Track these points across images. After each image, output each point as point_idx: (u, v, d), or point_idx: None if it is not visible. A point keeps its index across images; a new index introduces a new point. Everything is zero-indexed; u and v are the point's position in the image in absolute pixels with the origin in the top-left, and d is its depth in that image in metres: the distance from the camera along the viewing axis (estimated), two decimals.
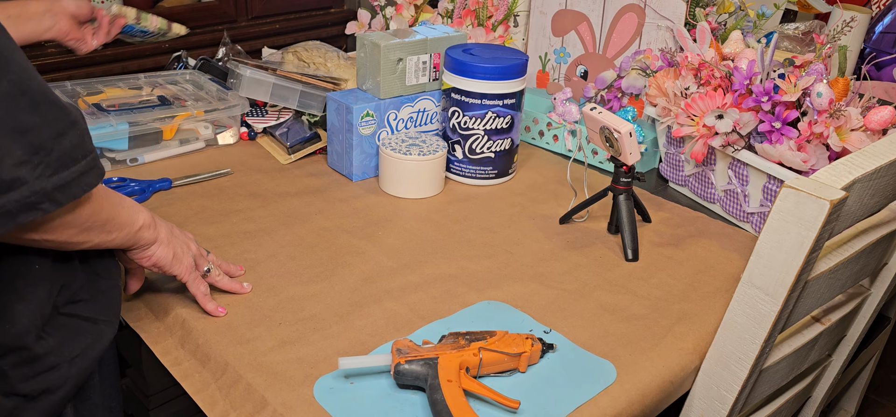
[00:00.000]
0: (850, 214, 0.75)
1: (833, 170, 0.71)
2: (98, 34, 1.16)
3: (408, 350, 0.74)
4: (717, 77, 1.11)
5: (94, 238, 0.67)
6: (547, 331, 0.84)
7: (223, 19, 2.29)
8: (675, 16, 1.28)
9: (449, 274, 0.95)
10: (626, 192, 1.03)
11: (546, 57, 1.48)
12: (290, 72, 1.29)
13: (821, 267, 0.79)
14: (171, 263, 0.79)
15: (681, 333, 0.86)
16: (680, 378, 0.82)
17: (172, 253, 0.79)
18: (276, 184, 1.18)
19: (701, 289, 0.95)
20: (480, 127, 1.17)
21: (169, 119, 1.22)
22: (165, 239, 0.78)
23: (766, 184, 1.07)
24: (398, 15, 1.43)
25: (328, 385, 0.74)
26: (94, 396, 0.77)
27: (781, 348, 0.88)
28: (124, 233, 0.72)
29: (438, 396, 0.69)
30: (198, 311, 0.85)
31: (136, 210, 0.74)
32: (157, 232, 0.77)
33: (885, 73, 1.59)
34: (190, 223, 1.04)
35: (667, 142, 1.25)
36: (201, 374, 0.78)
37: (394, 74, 1.17)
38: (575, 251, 1.03)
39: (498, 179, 1.22)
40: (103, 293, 0.73)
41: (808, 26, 1.61)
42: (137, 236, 0.74)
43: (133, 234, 0.73)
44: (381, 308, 0.87)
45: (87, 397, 0.76)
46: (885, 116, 0.98)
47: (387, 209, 1.12)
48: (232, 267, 0.91)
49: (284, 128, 1.30)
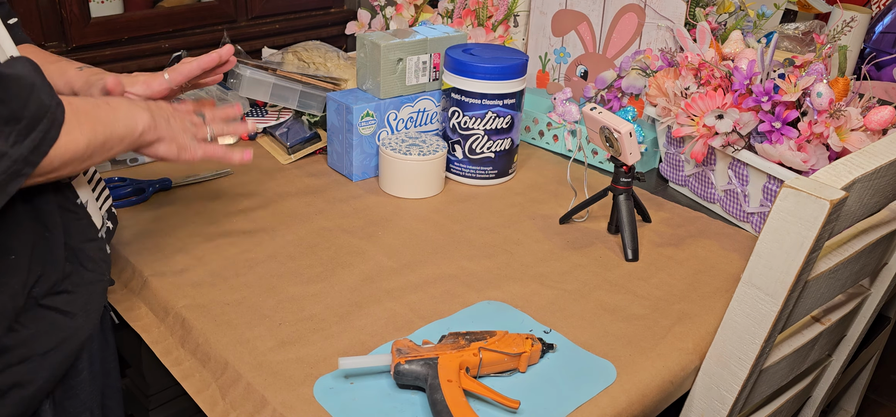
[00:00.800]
0: (850, 214, 0.75)
1: (833, 170, 0.71)
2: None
3: (408, 351, 0.74)
4: (717, 77, 1.11)
5: (98, 157, 0.68)
6: (547, 331, 0.84)
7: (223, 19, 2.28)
8: (675, 16, 1.28)
9: (449, 274, 0.95)
10: (626, 192, 1.03)
11: (546, 57, 1.48)
12: (290, 73, 1.29)
13: (821, 267, 0.79)
14: (178, 155, 0.80)
15: (681, 333, 0.86)
16: (680, 378, 0.82)
17: (176, 146, 0.80)
18: (276, 184, 1.18)
19: (701, 289, 0.95)
20: (480, 127, 1.17)
21: None
22: (167, 135, 0.78)
23: (766, 184, 1.07)
24: (398, 15, 1.43)
25: (328, 385, 0.74)
26: (82, 394, 0.75)
27: (781, 348, 0.88)
28: (126, 143, 0.73)
29: (438, 396, 0.69)
30: (198, 311, 0.85)
31: (134, 115, 0.74)
32: (158, 132, 0.77)
33: (885, 73, 1.59)
34: (190, 223, 1.04)
35: (667, 142, 1.25)
36: (201, 374, 0.78)
37: (394, 74, 1.17)
38: (575, 251, 1.03)
39: (498, 179, 1.22)
40: (87, 285, 0.72)
41: (808, 26, 1.61)
42: (140, 141, 0.75)
43: (135, 140, 0.74)
44: (381, 308, 0.87)
45: (74, 395, 0.75)
46: (885, 116, 0.98)
47: (387, 209, 1.12)
48: (228, 110, 0.92)
49: (284, 128, 1.30)
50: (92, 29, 1.99)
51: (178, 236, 1.00)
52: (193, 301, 0.86)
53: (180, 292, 0.88)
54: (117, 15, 2.06)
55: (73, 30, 1.95)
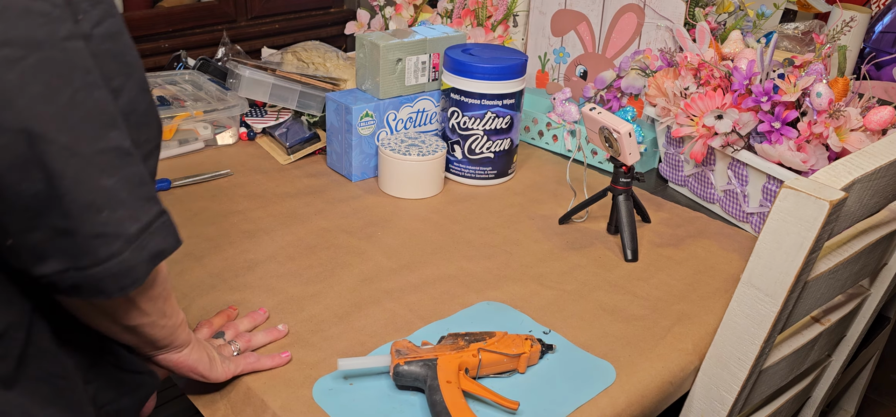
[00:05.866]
0: (849, 214, 0.75)
1: (833, 170, 0.71)
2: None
3: (407, 351, 0.74)
4: (716, 77, 1.11)
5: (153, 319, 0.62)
6: (546, 332, 0.84)
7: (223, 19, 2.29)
8: (675, 16, 1.28)
9: (448, 274, 0.95)
10: (625, 192, 1.03)
11: (545, 57, 1.48)
12: (289, 73, 1.29)
13: (820, 268, 0.79)
14: (209, 367, 0.71)
15: (680, 333, 0.86)
16: (679, 379, 0.81)
17: (207, 355, 0.71)
18: (275, 184, 1.18)
19: (700, 290, 0.95)
20: (480, 127, 1.17)
21: (168, 119, 1.22)
22: (195, 341, 0.71)
23: (766, 184, 1.07)
24: (397, 15, 1.43)
25: (327, 387, 0.74)
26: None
27: (781, 348, 0.88)
28: (171, 324, 0.65)
29: (437, 397, 0.69)
30: (197, 312, 0.84)
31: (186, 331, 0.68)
32: (190, 333, 0.70)
33: (884, 73, 1.59)
34: (190, 223, 1.04)
35: (666, 142, 1.24)
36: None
37: (393, 74, 1.17)
38: (574, 251, 1.02)
39: (497, 179, 1.22)
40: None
41: (808, 26, 1.61)
42: (177, 333, 0.66)
43: (174, 329, 0.66)
44: (380, 308, 0.87)
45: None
46: (884, 116, 0.98)
47: (386, 209, 1.12)
48: (255, 316, 0.83)
49: (284, 129, 1.30)
50: None
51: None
52: (193, 301, 0.86)
53: (180, 293, 0.87)
54: None
55: None
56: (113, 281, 0.51)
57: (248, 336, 0.79)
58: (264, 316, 0.83)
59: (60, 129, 0.47)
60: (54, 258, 0.49)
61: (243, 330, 0.81)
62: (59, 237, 0.49)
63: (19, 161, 0.46)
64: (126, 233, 0.51)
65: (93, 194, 0.49)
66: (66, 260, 0.50)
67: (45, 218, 0.48)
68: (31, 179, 0.47)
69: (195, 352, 0.70)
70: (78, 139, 0.48)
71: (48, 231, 0.48)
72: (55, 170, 0.47)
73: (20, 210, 0.47)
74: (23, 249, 0.49)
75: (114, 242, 0.51)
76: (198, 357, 0.70)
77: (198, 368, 0.70)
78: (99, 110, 0.49)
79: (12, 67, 0.45)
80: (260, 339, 0.79)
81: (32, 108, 0.46)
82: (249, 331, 0.81)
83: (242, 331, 0.80)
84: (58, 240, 0.49)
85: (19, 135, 0.46)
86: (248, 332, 0.80)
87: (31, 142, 0.46)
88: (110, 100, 0.51)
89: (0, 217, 0.47)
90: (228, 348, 0.76)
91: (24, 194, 0.47)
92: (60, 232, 0.49)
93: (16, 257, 0.50)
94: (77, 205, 0.48)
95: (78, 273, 0.50)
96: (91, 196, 0.49)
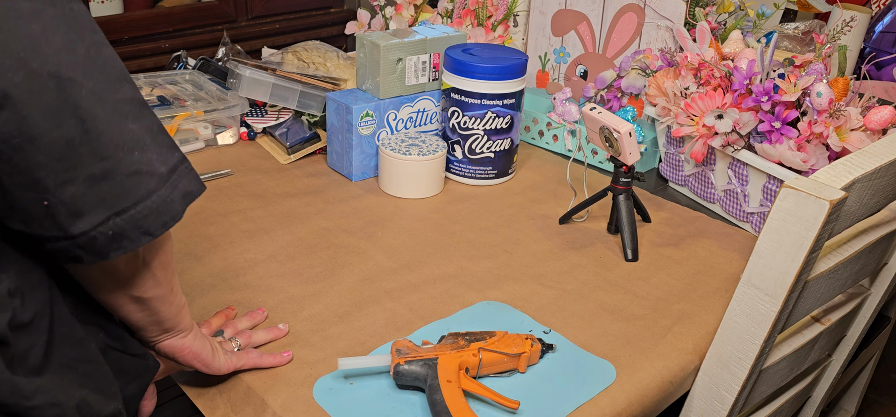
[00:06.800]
0: (849, 214, 0.75)
1: (833, 170, 0.71)
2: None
3: (407, 351, 0.74)
4: (716, 77, 1.11)
5: (164, 291, 0.62)
6: (546, 331, 0.84)
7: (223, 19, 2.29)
8: (675, 15, 1.28)
9: (448, 274, 0.95)
10: (625, 192, 1.03)
11: (546, 57, 1.48)
12: (289, 73, 1.29)
13: (820, 268, 0.79)
14: (212, 356, 0.71)
15: (680, 333, 0.86)
16: (680, 379, 0.82)
17: (210, 344, 0.71)
18: (275, 184, 1.18)
19: (701, 289, 0.95)
20: (480, 127, 1.17)
21: (168, 119, 1.22)
22: (197, 329, 0.71)
23: (766, 184, 1.07)
24: (398, 15, 1.43)
25: (328, 386, 0.74)
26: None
27: (781, 348, 0.88)
28: (177, 302, 0.65)
29: (438, 397, 0.69)
30: (197, 312, 0.84)
31: (188, 318, 0.68)
32: (192, 320, 0.70)
33: (885, 73, 1.59)
34: (190, 223, 1.04)
35: (667, 141, 1.24)
36: (202, 377, 0.78)
37: (393, 74, 1.17)
38: (574, 251, 1.02)
39: (497, 179, 1.22)
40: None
41: (808, 26, 1.61)
42: (182, 314, 0.67)
43: (180, 309, 0.66)
44: (380, 308, 0.87)
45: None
46: (884, 116, 0.98)
47: (386, 209, 1.12)
48: (254, 316, 0.83)
49: (284, 128, 1.30)
50: None
51: (178, 236, 1.00)
52: (193, 301, 0.86)
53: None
54: (117, 15, 2.06)
55: None
56: (156, 217, 0.53)
57: (249, 333, 0.79)
58: (263, 316, 0.83)
59: (86, 75, 0.49)
60: (93, 211, 0.50)
61: (242, 328, 0.81)
62: (97, 183, 0.50)
63: (52, 107, 0.47)
64: (158, 172, 0.53)
65: (123, 135, 0.51)
66: (105, 209, 0.51)
67: (80, 168, 0.49)
68: (66, 125, 0.48)
69: (198, 340, 0.70)
70: (101, 86, 0.50)
71: (84, 181, 0.49)
72: (87, 112, 0.48)
73: (57, 159, 0.48)
74: (60, 207, 0.49)
75: (149, 180, 0.52)
76: (201, 344, 0.70)
77: (201, 355, 0.70)
78: (111, 65, 0.51)
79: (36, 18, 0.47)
80: (260, 337, 0.79)
81: (59, 56, 0.47)
82: (249, 330, 0.81)
83: (242, 329, 0.80)
84: (95, 188, 0.50)
85: (50, 80, 0.47)
86: (249, 330, 0.80)
87: (61, 87, 0.47)
88: (116, 56, 0.52)
89: (37, 172, 0.48)
90: (229, 344, 0.76)
91: (59, 141, 0.48)
92: (97, 177, 0.50)
93: (51, 219, 0.50)
94: (112, 145, 0.50)
95: (119, 218, 0.51)
96: (122, 136, 0.50)
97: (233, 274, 0.92)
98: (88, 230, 0.51)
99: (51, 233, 0.51)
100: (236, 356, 0.74)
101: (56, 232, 0.50)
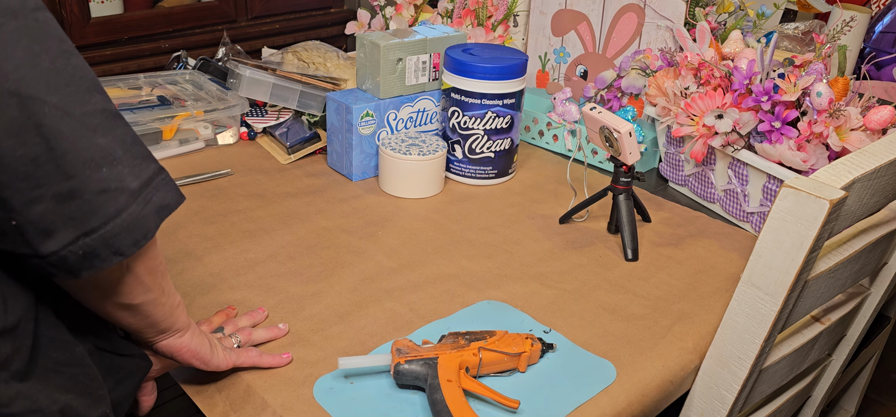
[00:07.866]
0: (849, 214, 0.75)
1: (833, 169, 0.71)
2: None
3: (407, 350, 0.74)
4: (716, 77, 1.11)
5: (154, 295, 0.61)
6: (547, 331, 0.84)
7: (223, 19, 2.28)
8: (675, 15, 1.28)
9: (449, 273, 0.95)
10: (625, 192, 1.03)
11: (546, 57, 1.48)
12: (289, 73, 1.29)
13: (820, 267, 0.79)
14: (211, 353, 0.70)
15: (681, 333, 0.86)
16: (680, 378, 0.82)
17: (208, 341, 0.71)
18: (275, 184, 1.18)
19: (701, 289, 0.95)
20: (480, 127, 1.17)
21: (169, 119, 1.22)
22: (195, 327, 0.70)
23: (766, 183, 1.07)
24: (398, 15, 1.43)
25: (328, 386, 0.74)
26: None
27: (781, 348, 0.88)
28: (170, 303, 0.64)
29: (438, 396, 0.69)
30: (197, 312, 0.84)
31: (184, 315, 0.67)
32: (189, 318, 0.69)
33: (884, 73, 1.59)
34: (190, 223, 1.04)
35: (667, 141, 1.24)
36: (201, 375, 0.78)
37: (393, 74, 1.17)
38: (575, 251, 1.03)
39: (498, 179, 1.22)
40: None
41: (808, 26, 1.61)
42: (177, 314, 0.66)
43: (173, 309, 0.65)
44: (380, 308, 0.87)
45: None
46: (884, 116, 0.98)
47: (386, 209, 1.12)
48: (254, 315, 0.83)
49: (284, 128, 1.30)
50: (92, 29, 1.99)
51: (178, 236, 1.00)
52: (193, 301, 0.86)
53: (180, 292, 0.87)
54: (117, 15, 2.06)
55: (73, 30, 1.96)
56: (127, 235, 0.51)
57: (249, 330, 0.79)
58: (263, 316, 0.83)
59: (49, 91, 0.47)
60: (62, 229, 0.49)
61: (242, 326, 0.81)
62: (64, 202, 0.48)
63: (14, 125, 0.46)
64: (129, 188, 0.51)
65: (90, 151, 0.49)
66: (74, 228, 0.49)
67: (46, 186, 0.48)
68: (29, 143, 0.46)
69: (196, 337, 0.69)
70: (66, 101, 0.48)
71: (51, 199, 0.48)
72: (51, 130, 0.47)
73: (21, 178, 0.47)
74: (28, 226, 0.48)
75: (119, 196, 0.51)
76: (199, 342, 0.70)
77: (200, 353, 0.70)
78: (79, 75, 0.50)
79: None
80: (260, 335, 0.79)
81: (19, 72, 0.46)
82: (250, 328, 0.81)
83: (242, 327, 0.80)
84: (63, 207, 0.48)
85: (10, 99, 0.46)
86: (249, 328, 0.80)
87: (23, 105, 0.46)
88: (86, 66, 0.51)
89: (2, 192, 0.47)
90: (229, 340, 0.76)
91: (23, 159, 0.47)
92: (64, 196, 0.48)
93: (21, 238, 0.49)
94: (78, 162, 0.48)
95: (89, 238, 0.50)
96: (89, 152, 0.49)
97: (233, 274, 0.92)
98: (58, 250, 0.49)
99: (22, 251, 0.50)
100: (236, 353, 0.74)
101: (27, 250, 0.50)
